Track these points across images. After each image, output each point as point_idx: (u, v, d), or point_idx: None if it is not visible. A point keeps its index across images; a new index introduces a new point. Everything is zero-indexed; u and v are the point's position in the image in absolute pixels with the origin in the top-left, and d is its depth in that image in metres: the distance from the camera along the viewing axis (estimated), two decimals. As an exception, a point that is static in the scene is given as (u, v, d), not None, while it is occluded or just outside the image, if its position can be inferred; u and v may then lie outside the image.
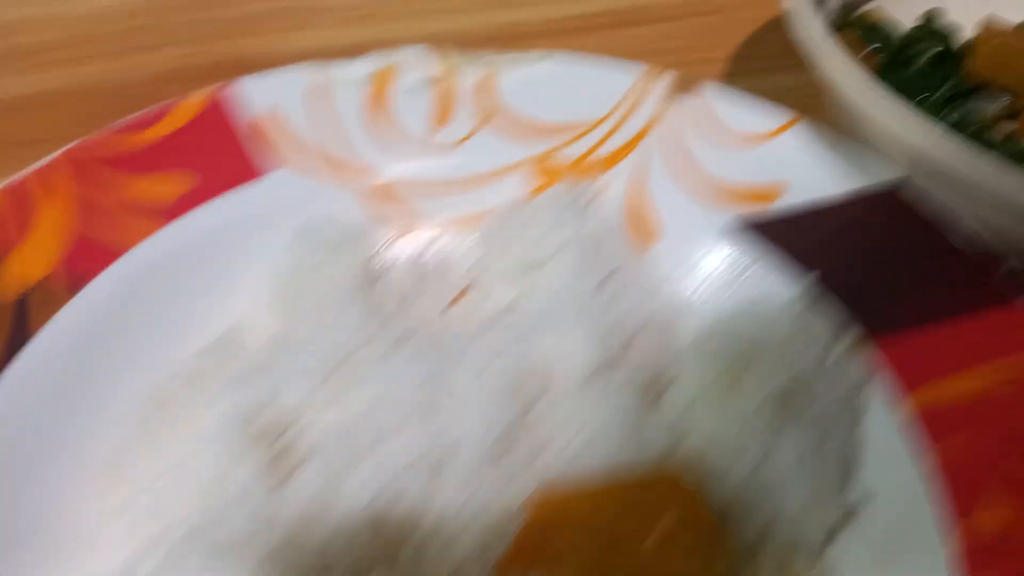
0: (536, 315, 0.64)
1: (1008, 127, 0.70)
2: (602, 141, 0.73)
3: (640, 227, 0.71)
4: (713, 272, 0.68)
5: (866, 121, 0.65)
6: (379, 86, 0.75)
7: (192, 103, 0.73)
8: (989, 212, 0.62)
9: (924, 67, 0.75)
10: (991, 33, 0.73)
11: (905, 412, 0.58)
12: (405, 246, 0.70)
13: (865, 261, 0.65)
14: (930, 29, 0.78)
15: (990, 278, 0.62)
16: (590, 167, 0.72)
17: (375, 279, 0.67)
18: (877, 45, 0.78)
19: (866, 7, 0.85)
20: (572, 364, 0.60)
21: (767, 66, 0.93)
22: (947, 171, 0.60)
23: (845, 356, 0.61)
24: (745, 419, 0.58)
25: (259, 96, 0.74)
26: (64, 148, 0.68)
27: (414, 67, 0.76)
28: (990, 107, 0.71)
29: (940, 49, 0.75)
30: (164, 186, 0.69)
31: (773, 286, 0.65)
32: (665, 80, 0.75)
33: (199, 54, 0.95)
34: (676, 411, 0.59)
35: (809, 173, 0.69)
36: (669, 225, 0.70)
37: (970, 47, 0.76)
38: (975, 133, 0.70)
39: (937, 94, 0.72)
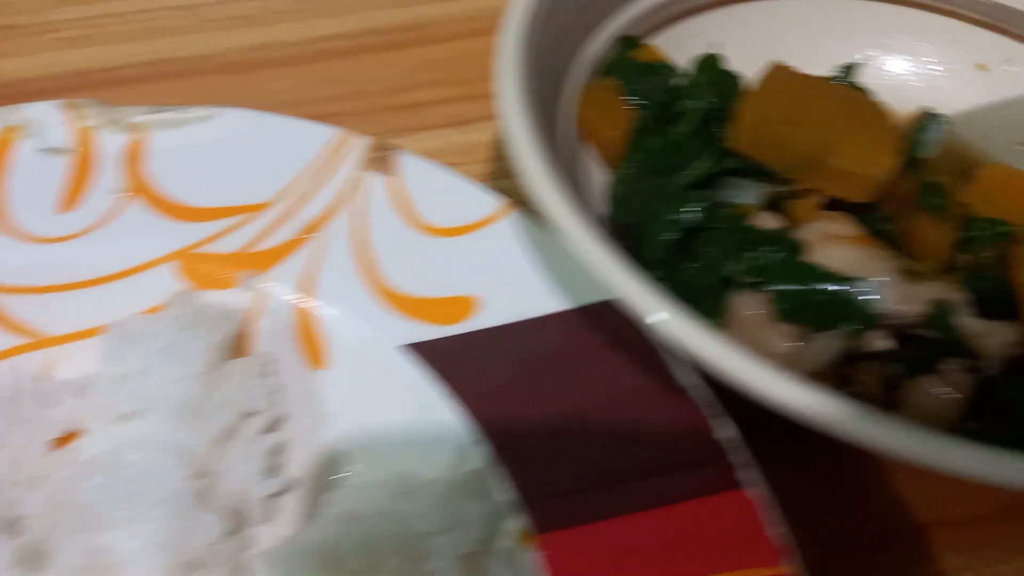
0: (121, 486, 0.48)
1: (769, 221, 0.54)
2: (268, 231, 0.57)
3: (308, 347, 0.55)
4: (378, 419, 0.52)
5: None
6: (-7, 156, 0.58)
7: None
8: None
9: (690, 131, 0.59)
10: (766, 92, 0.56)
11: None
12: None
13: (561, 407, 0.50)
14: (708, 78, 0.61)
15: (708, 443, 0.47)
16: (250, 264, 0.56)
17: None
18: (641, 100, 0.61)
19: (653, 39, 0.68)
20: (140, 567, 0.45)
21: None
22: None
23: (506, 555, 0.46)
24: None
25: None
26: None
27: (39, 131, 0.59)
28: (749, 195, 0.54)
29: (708, 108, 0.58)
30: None
31: (437, 445, 0.49)
32: (358, 150, 0.58)
33: None
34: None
35: (507, 285, 0.53)
36: (337, 348, 0.54)
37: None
38: (727, 232, 0.53)
39: (688, 171, 0.55)
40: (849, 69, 0.64)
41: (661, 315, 0.41)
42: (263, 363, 0.55)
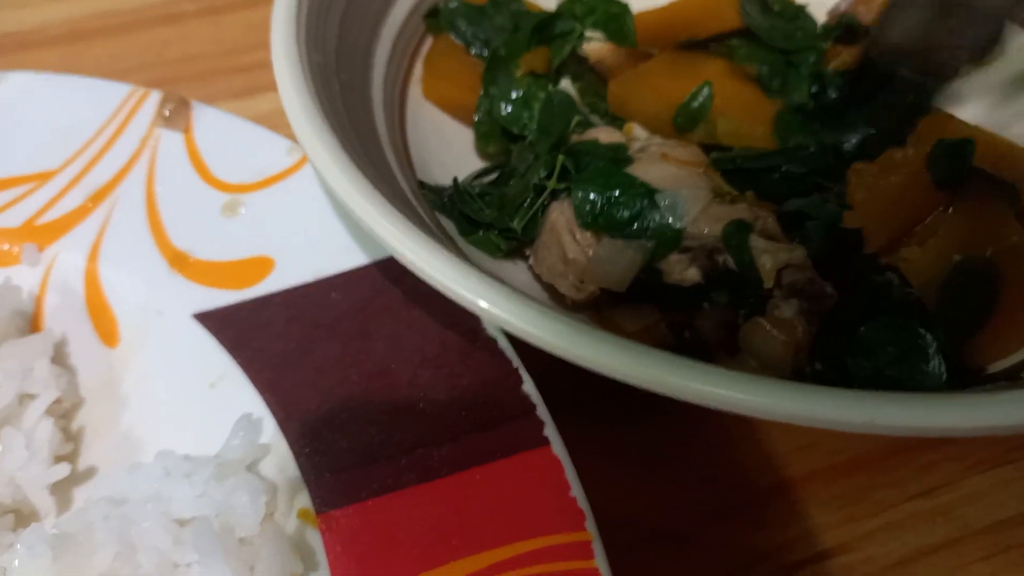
0: None
1: (612, 136, 0.50)
2: (56, 199, 0.52)
3: (100, 323, 0.50)
4: (171, 397, 0.48)
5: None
6: None
7: None
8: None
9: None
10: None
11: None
12: None
13: (356, 371, 0.45)
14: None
15: (516, 398, 0.42)
16: (37, 237, 0.51)
17: None
18: (483, 50, 0.57)
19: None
20: None
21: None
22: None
23: (281, 539, 0.41)
24: None
25: None
26: None
27: None
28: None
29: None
30: None
31: (224, 422, 0.45)
32: (151, 107, 0.53)
33: None
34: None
35: (301, 242, 0.49)
36: (130, 323, 0.49)
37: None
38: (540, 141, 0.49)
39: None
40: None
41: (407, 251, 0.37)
42: (51, 342, 0.49)
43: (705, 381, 0.34)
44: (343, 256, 0.48)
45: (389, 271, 0.47)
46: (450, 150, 0.56)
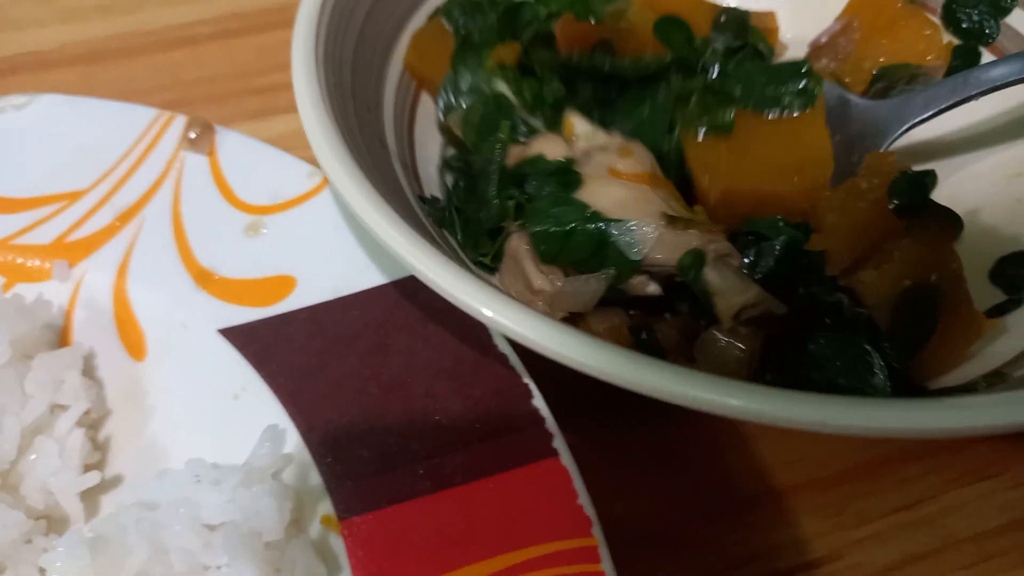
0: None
1: (556, 149, 0.52)
2: (86, 218, 0.55)
3: (127, 337, 0.53)
4: (196, 408, 0.50)
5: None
6: None
7: None
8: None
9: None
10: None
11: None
12: None
13: (375, 384, 0.48)
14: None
15: (527, 411, 0.45)
16: (67, 254, 0.54)
17: None
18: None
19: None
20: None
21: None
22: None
23: (307, 543, 0.44)
24: None
25: None
26: None
27: None
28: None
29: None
30: None
31: (248, 431, 0.47)
32: (176, 130, 0.56)
33: None
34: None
35: (322, 262, 0.51)
36: (156, 337, 0.52)
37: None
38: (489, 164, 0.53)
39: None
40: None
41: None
42: (81, 355, 0.52)
43: (694, 386, 0.37)
44: (362, 275, 0.51)
45: (405, 289, 0.50)
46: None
